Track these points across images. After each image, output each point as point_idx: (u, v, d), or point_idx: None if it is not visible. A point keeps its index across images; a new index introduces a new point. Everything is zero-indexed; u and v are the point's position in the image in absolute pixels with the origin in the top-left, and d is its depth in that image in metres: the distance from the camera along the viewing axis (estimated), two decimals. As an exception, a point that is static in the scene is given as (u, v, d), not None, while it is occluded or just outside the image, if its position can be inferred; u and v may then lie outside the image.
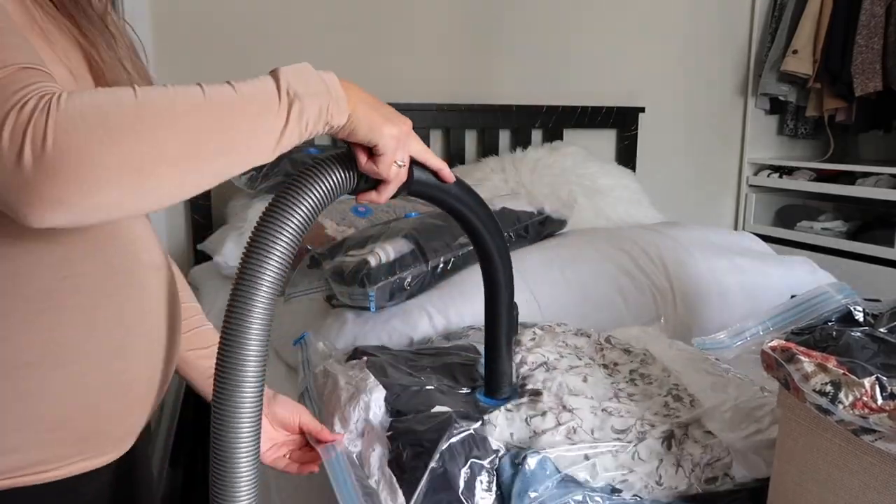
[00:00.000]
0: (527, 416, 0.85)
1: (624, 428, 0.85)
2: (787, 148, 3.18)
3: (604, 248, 1.54)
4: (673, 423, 0.86)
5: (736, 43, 2.98)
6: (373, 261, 1.23)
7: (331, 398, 0.92)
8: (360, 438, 0.84)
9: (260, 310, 0.60)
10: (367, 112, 0.65)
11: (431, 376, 0.93)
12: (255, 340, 0.60)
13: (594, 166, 2.31)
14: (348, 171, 0.67)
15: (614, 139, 2.76)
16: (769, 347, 0.71)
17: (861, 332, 0.73)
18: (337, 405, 0.89)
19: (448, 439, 0.78)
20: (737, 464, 0.83)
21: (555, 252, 1.49)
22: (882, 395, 0.62)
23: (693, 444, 0.84)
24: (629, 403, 0.90)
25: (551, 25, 2.59)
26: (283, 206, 0.63)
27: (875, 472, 0.64)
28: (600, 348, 1.07)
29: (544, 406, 0.87)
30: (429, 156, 0.72)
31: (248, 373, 0.60)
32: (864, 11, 2.59)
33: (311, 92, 0.60)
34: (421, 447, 0.78)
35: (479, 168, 2.26)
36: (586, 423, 0.85)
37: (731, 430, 0.86)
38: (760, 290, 1.53)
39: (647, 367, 1.01)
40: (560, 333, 1.11)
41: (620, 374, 0.99)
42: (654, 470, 0.81)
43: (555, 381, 0.92)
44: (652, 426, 0.86)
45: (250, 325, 0.60)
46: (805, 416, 0.71)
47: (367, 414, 0.85)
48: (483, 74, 2.51)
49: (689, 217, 2.87)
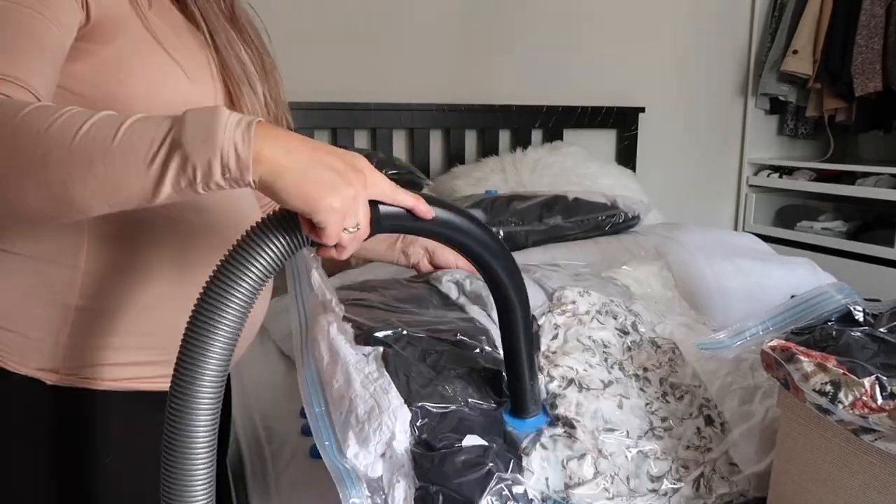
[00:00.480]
0: (564, 459, 0.81)
1: (660, 474, 0.83)
2: (787, 148, 3.18)
3: (607, 248, 1.54)
4: (705, 460, 0.84)
5: (736, 43, 2.98)
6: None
7: (343, 400, 0.83)
8: (379, 461, 0.78)
9: (207, 394, 0.59)
10: (295, 179, 0.55)
11: (455, 384, 0.85)
12: (204, 420, 0.59)
13: (594, 166, 2.31)
14: (294, 235, 0.59)
15: (614, 139, 2.76)
16: (769, 347, 0.71)
17: (861, 332, 0.73)
18: (352, 414, 0.81)
19: (489, 494, 0.73)
20: (756, 484, 0.82)
21: (558, 252, 1.49)
22: (882, 394, 0.62)
23: (720, 482, 0.82)
24: (663, 436, 0.87)
25: (551, 25, 2.59)
26: (222, 283, 0.58)
27: (875, 472, 0.64)
28: (628, 349, 1.00)
29: (582, 446, 0.82)
30: (398, 195, 0.62)
31: (197, 456, 0.59)
32: (864, 11, 2.59)
33: (200, 139, 0.54)
34: (457, 498, 0.73)
35: (479, 168, 2.26)
36: (622, 470, 0.82)
37: (758, 458, 0.83)
38: (763, 291, 1.53)
39: (676, 372, 0.96)
40: (585, 320, 1.01)
41: (652, 387, 0.95)
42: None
43: (589, 408, 0.86)
44: (685, 467, 0.83)
45: (197, 408, 0.58)
46: (805, 416, 0.71)
47: (391, 441, 0.78)
48: (483, 74, 2.51)
49: (689, 217, 2.87)
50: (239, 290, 0.58)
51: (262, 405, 1.24)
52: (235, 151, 0.54)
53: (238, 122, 0.54)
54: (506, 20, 2.52)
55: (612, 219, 1.61)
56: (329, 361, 0.85)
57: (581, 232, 1.57)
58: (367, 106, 2.28)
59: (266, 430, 1.17)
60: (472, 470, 0.73)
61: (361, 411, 0.79)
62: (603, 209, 1.61)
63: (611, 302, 1.06)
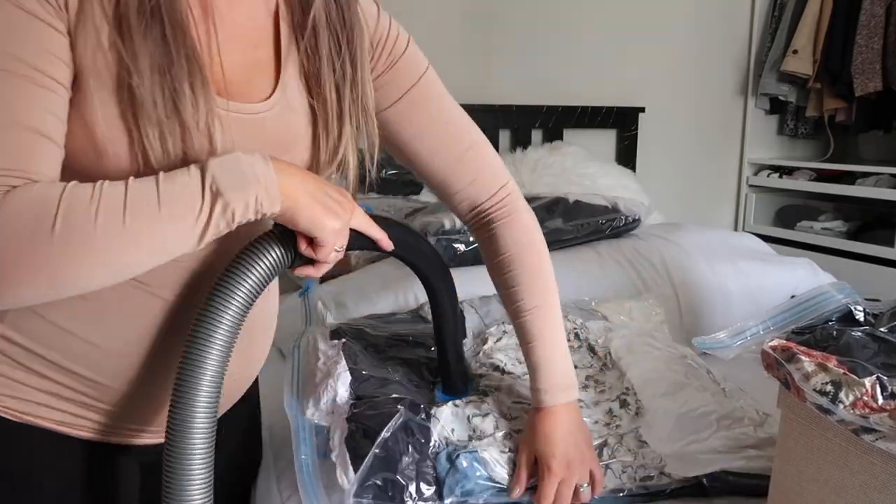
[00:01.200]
0: (469, 415, 0.92)
1: None
2: (787, 148, 3.18)
3: (608, 260, 1.54)
4: (611, 433, 0.92)
5: (736, 43, 2.98)
6: (447, 223, 1.45)
7: (310, 375, 1.02)
8: (328, 416, 0.94)
9: (203, 401, 0.65)
10: (308, 204, 0.65)
11: (399, 369, 1.01)
12: (201, 431, 0.64)
13: (594, 166, 2.31)
14: (287, 250, 0.69)
15: (614, 139, 2.76)
16: (769, 347, 0.71)
17: (861, 332, 0.73)
18: (312, 382, 1.00)
19: (391, 428, 0.86)
20: (673, 464, 0.89)
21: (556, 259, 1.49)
22: (882, 394, 0.62)
23: (625, 452, 0.90)
24: None
25: (551, 25, 2.59)
26: (225, 288, 0.66)
27: (875, 472, 0.64)
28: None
29: (487, 408, 0.93)
30: (370, 229, 0.76)
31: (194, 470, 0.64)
32: (864, 11, 2.59)
33: (238, 185, 0.61)
34: (370, 431, 0.87)
35: (479, 168, 2.25)
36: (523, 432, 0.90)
37: (666, 441, 0.92)
38: (763, 292, 1.53)
39: (604, 373, 1.05)
40: None
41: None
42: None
43: (505, 386, 0.98)
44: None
45: (194, 416, 0.64)
46: (805, 416, 0.71)
47: (335, 397, 0.95)
48: (483, 74, 2.51)
49: (689, 217, 2.87)
50: (242, 289, 0.66)
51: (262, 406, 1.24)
52: (266, 191, 0.63)
53: (258, 162, 0.63)
54: (506, 20, 2.52)
55: (612, 222, 1.61)
56: (309, 349, 1.06)
57: (582, 235, 1.57)
58: (367, 106, 2.28)
59: (266, 430, 1.17)
60: (385, 411, 0.88)
61: (317, 379, 0.99)
62: (603, 212, 1.61)
63: (565, 317, 1.17)
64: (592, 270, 1.48)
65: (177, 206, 0.59)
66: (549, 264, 0.92)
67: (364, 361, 1.01)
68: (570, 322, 1.15)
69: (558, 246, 1.55)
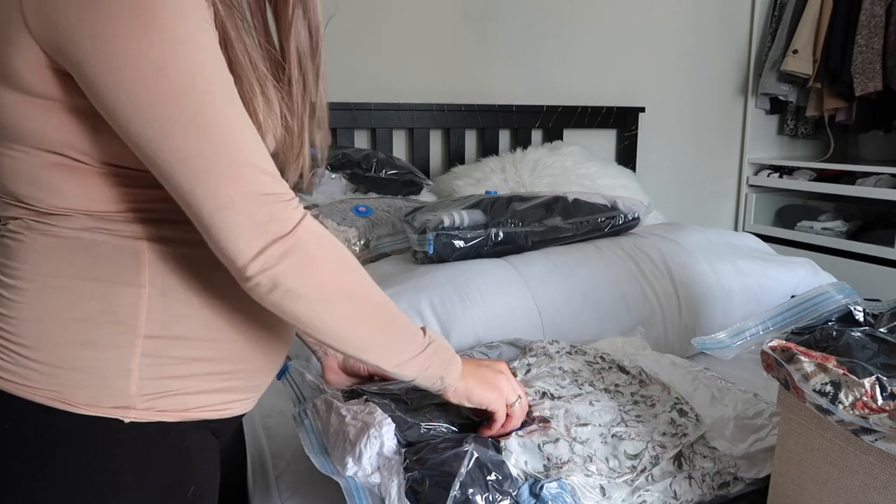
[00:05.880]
0: (540, 443, 0.86)
1: (636, 452, 0.87)
2: (787, 148, 3.18)
3: (608, 253, 1.54)
4: (682, 443, 0.88)
5: (736, 43, 2.98)
6: (447, 220, 1.47)
7: (338, 435, 0.90)
8: (376, 473, 0.84)
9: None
10: (476, 383, 0.83)
11: (434, 412, 0.92)
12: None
13: (594, 166, 2.31)
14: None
15: (614, 139, 2.76)
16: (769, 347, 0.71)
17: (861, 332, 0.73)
18: (346, 441, 0.89)
19: (468, 465, 0.78)
20: (744, 466, 0.86)
21: (559, 258, 1.49)
22: (882, 395, 0.62)
23: (702, 459, 0.87)
24: (637, 425, 0.91)
25: (551, 25, 2.59)
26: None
27: (875, 473, 0.64)
28: (598, 371, 1.06)
29: (556, 433, 0.87)
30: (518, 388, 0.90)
31: None
32: (864, 11, 2.59)
33: (444, 359, 0.79)
34: (440, 476, 0.78)
35: (479, 168, 2.26)
36: (599, 452, 0.86)
37: (733, 443, 0.89)
38: (763, 292, 1.53)
39: (646, 388, 1.02)
40: (555, 356, 1.10)
41: (624, 397, 0.99)
42: (668, 486, 0.83)
43: (561, 410, 0.92)
44: (662, 447, 0.87)
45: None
46: (805, 416, 0.71)
47: (381, 448, 0.85)
48: (483, 74, 2.51)
49: (689, 217, 2.87)
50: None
51: (262, 406, 1.24)
52: (456, 367, 0.81)
53: (453, 355, 0.81)
54: (506, 20, 2.52)
55: (611, 220, 1.61)
56: (324, 411, 0.96)
57: (581, 233, 1.57)
58: (367, 106, 2.28)
59: (266, 431, 1.17)
60: (451, 449, 0.82)
61: (352, 434, 0.88)
62: (603, 210, 1.61)
63: (580, 346, 1.15)
64: (591, 263, 1.48)
65: (404, 331, 0.75)
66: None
67: (398, 408, 0.92)
68: (589, 349, 1.13)
69: (556, 244, 1.55)
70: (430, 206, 1.64)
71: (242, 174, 0.59)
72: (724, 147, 3.06)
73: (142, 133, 0.58)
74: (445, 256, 1.47)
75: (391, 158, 2.16)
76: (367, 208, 1.81)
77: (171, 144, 0.58)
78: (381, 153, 2.15)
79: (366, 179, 2.04)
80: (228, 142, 0.59)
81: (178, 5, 0.57)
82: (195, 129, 0.58)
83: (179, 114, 0.57)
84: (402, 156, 2.39)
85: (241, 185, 0.59)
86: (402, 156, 2.39)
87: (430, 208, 1.59)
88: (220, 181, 0.58)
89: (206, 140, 0.58)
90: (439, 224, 1.47)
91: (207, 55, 0.59)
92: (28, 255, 0.65)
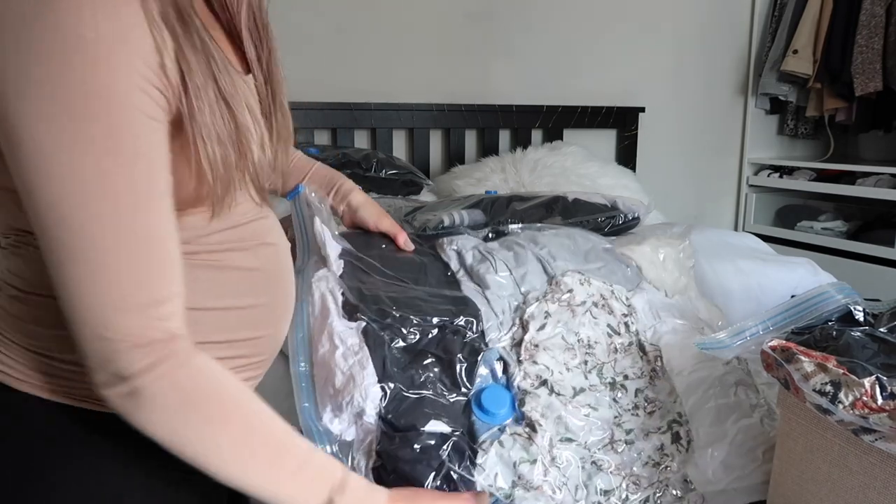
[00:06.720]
0: (517, 460, 0.85)
1: (608, 489, 0.86)
2: (787, 148, 3.18)
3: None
4: (659, 480, 0.88)
5: (736, 43, 2.98)
6: (447, 220, 1.44)
7: (323, 368, 0.88)
8: (351, 427, 0.85)
9: None
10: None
11: (430, 370, 0.89)
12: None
13: (594, 166, 2.30)
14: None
15: (614, 139, 2.76)
16: (769, 347, 0.71)
17: (861, 332, 0.73)
18: (330, 386, 0.87)
19: (429, 485, 0.79)
20: (712, 500, 0.86)
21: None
22: (882, 394, 0.62)
23: (673, 500, 0.87)
24: (623, 450, 0.89)
25: (551, 25, 2.59)
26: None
27: (875, 472, 0.64)
28: (614, 350, 1.01)
29: (536, 451, 0.85)
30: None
31: None
32: (864, 11, 2.59)
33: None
34: (405, 481, 0.79)
35: (479, 168, 2.25)
36: (572, 480, 0.85)
37: (713, 480, 0.88)
38: (763, 292, 1.53)
39: (654, 384, 0.98)
40: (577, 311, 1.01)
41: (626, 398, 0.96)
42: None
43: (553, 414, 0.90)
44: (636, 484, 0.87)
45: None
46: (805, 416, 0.71)
47: (360, 415, 0.84)
48: (483, 74, 2.51)
49: (689, 217, 2.87)
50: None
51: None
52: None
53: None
54: (506, 20, 2.52)
55: (611, 220, 1.61)
56: (319, 321, 0.90)
57: (581, 233, 1.57)
58: (367, 106, 2.28)
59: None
60: (425, 457, 0.80)
61: (339, 382, 0.85)
62: (603, 210, 1.61)
63: (611, 294, 1.06)
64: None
65: (301, 479, 0.63)
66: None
67: (391, 360, 0.88)
68: (617, 301, 1.05)
69: (557, 245, 1.56)
70: (429, 205, 1.63)
71: (115, 315, 0.55)
72: (724, 147, 3.06)
73: (42, 208, 0.53)
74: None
75: (391, 158, 2.16)
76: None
77: (72, 238, 0.53)
78: (381, 153, 2.15)
79: (366, 179, 2.04)
80: (130, 273, 0.55)
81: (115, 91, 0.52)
82: (106, 240, 0.54)
83: (94, 219, 0.53)
84: (402, 156, 2.39)
85: (103, 323, 0.55)
86: (402, 156, 2.39)
87: (430, 208, 1.59)
88: (91, 309, 0.55)
89: (111, 257, 0.54)
90: (439, 224, 1.47)
91: (143, 161, 0.54)
92: (31, 269, 0.63)
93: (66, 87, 0.51)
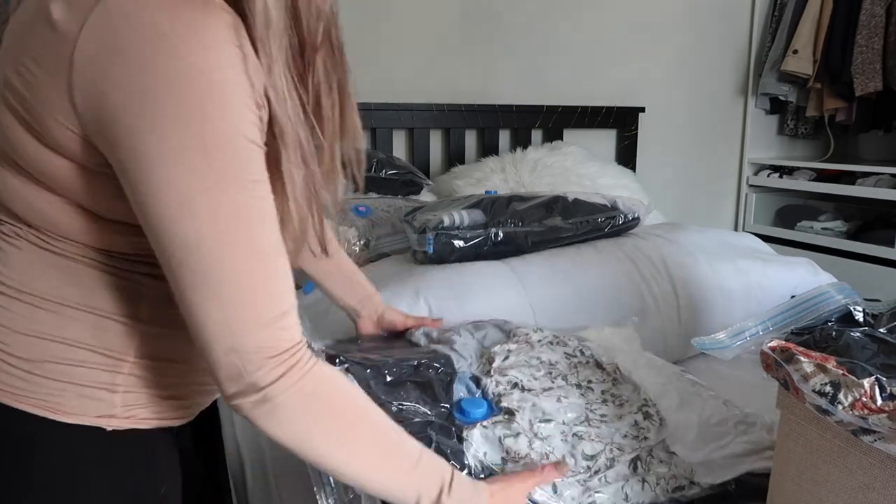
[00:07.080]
0: (501, 436, 0.89)
1: (593, 453, 0.89)
2: (787, 148, 3.18)
3: (607, 255, 1.54)
4: (641, 447, 0.91)
5: (736, 43, 2.98)
6: (447, 220, 1.47)
7: None
8: None
9: None
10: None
11: (412, 392, 0.96)
12: None
13: (594, 166, 2.31)
14: None
15: (614, 139, 2.76)
16: (769, 347, 0.71)
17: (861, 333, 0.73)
18: None
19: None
20: (701, 472, 0.88)
21: (557, 260, 1.49)
22: (882, 395, 0.62)
23: (658, 464, 0.89)
24: (600, 426, 0.93)
25: (551, 25, 2.59)
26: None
27: (875, 473, 0.64)
28: (574, 365, 1.08)
29: (518, 427, 0.90)
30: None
31: None
32: (864, 11, 2.59)
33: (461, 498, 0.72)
34: None
35: (479, 168, 2.26)
36: (557, 450, 0.89)
37: (692, 450, 0.92)
38: (763, 292, 1.53)
39: (618, 386, 1.04)
40: (535, 346, 1.11)
41: (594, 394, 1.01)
42: (620, 489, 0.86)
43: (528, 403, 0.95)
44: (620, 450, 0.90)
45: None
46: (805, 417, 0.71)
47: None
48: (483, 74, 2.51)
49: (689, 217, 2.87)
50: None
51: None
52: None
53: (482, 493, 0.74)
54: (506, 20, 2.52)
55: (611, 220, 1.61)
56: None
57: (581, 233, 1.57)
58: (367, 106, 2.28)
59: (266, 431, 1.17)
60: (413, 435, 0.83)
61: None
62: (603, 210, 1.61)
63: (563, 336, 1.16)
64: (589, 264, 1.48)
65: (415, 477, 0.69)
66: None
67: (374, 386, 0.95)
68: (571, 341, 1.15)
69: (556, 244, 1.55)
70: (430, 205, 1.64)
71: (249, 331, 0.59)
72: (724, 147, 3.06)
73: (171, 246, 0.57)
74: (445, 256, 1.46)
75: (391, 158, 2.16)
76: (366, 208, 1.81)
77: (200, 266, 0.57)
78: (381, 153, 2.15)
79: (366, 179, 2.04)
80: (263, 292, 0.59)
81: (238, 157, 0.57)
82: (234, 268, 0.58)
83: (225, 253, 0.57)
84: (402, 156, 2.39)
85: (238, 339, 0.59)
86: (402, 156, 2.39)
87: (430, 208, 1.59)
88: (224, 326, 0.58)
89: (244, 279, 0.58)
90: (439, 224, 1.47)
91: (262, 185, 0.59)
92: (21, 265, 0.64)
93: (201, 132, 0.54)
